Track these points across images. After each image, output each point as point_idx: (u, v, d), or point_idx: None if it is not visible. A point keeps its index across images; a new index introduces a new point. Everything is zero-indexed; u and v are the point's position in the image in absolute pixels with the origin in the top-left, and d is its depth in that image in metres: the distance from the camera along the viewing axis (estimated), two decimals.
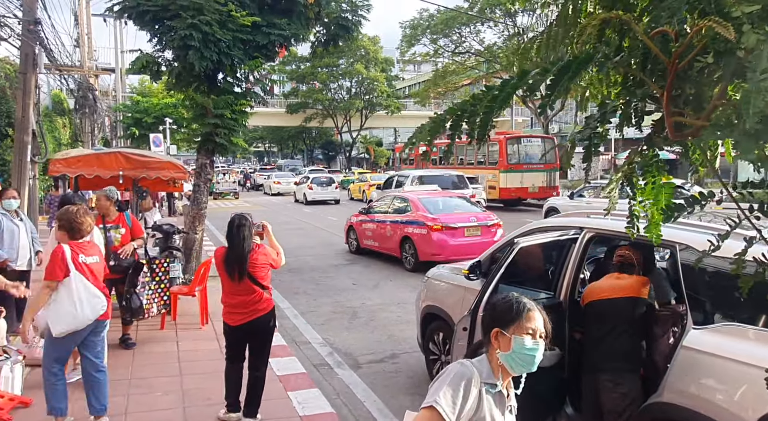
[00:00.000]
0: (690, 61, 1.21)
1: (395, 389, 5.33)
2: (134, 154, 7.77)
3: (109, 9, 9.38)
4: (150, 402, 4.79)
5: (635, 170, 1.58)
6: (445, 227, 10.90)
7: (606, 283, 3.64)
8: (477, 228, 11.18)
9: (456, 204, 12.24)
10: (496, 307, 2.05)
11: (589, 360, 3.60)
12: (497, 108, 1.47)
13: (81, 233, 4.21)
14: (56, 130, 19.73)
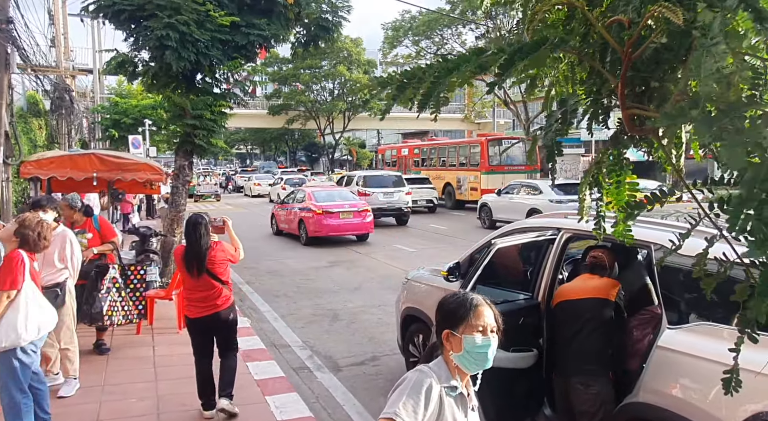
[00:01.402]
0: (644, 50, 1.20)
1: (375, 392, 5.29)
2: (109, 156, 7.62)
3: (84, 9, 9.23)
4: (124, 409, 4.69)
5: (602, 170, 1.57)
6: (325, 212, 14.47)
7: (575, 284, 3.65)
8: (349, 213, 14.79)
9: (339, 195, 15.93)
10: (444, 307, 2.00)
11: (559, 362, 3.59)
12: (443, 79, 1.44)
13: (38, 247, 4.00)
14: (31, 132, 19.31)
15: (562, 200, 14.61)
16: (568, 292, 3.60)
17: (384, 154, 32.92)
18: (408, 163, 29.06)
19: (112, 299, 6.04)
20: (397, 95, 1.61)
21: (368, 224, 15.04)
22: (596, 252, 3.67)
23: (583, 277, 3.66)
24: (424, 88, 1.46)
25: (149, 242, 8.23)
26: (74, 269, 5.12)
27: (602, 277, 3.57)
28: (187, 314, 4.58)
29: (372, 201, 17.18)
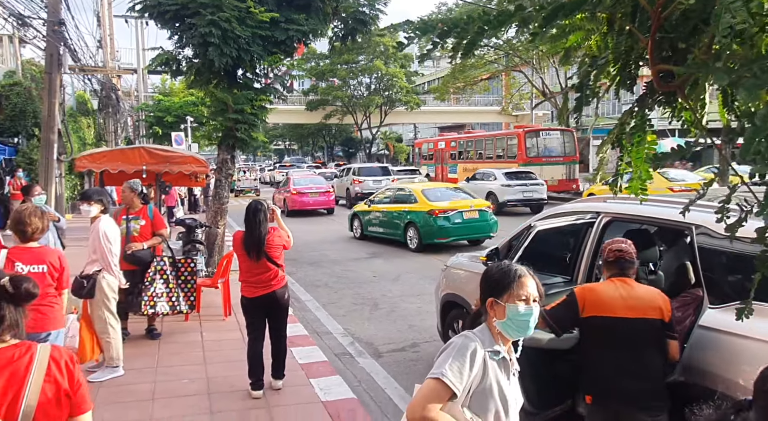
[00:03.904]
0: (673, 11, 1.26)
1: (416, 377, 5.38)
2: (157, 149, 7.95)
3: (130, 8, 9.57)
4: (176, 389, 4.92)
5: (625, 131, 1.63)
6: (299, 192, 20.57)
7: (613, 293, 2.96)
8: (316, 193, 20.87)
9: (311, 180, 22.28)
10: (489, 276, 2.11)
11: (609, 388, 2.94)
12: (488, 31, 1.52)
13: (26, 235, 3.78)
14: (81, 130, 20.15)
15: (510, 184, 19.04)
16: (611, 305, 2.93)
17: (421, 147, 32.92)
18: (445, 157, 29.01)
19: (156, 289, 6.23)
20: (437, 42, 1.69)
21: (331, 201, 21.21)
22: (619, 244, 3.10)
23: (619, 283, 3.01)
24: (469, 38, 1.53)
25: (195, 233, 8.55)
26: (105, 260, 5.13)
27: (634, 279, 3.06)
28: (244, 294, 4.81)
29: (364, 187, 22.77)
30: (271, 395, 4.78)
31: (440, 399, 1.87)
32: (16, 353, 1.66)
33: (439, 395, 1.87)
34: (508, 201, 18.83)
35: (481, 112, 52.26)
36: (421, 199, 12.60)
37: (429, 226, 12.18)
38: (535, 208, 18.96)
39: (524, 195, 19.04)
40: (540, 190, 19.31)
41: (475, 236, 12.70)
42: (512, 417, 2.00)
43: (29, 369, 1.64)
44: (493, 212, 13.11)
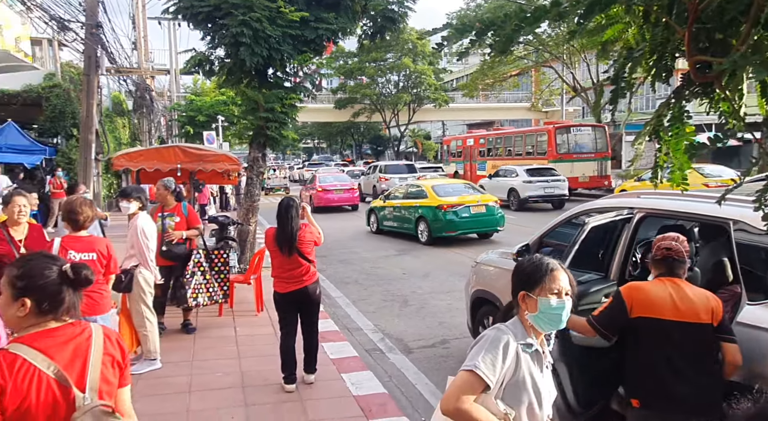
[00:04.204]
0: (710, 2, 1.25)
1: (446, 373, 5.37)
2: (191, 148, 8.12)
3: (164, 11, 9.79)
4: (212, 381, 5.04)
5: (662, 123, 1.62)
6: (324, 189, 21.25)
7: (663, 294, 2.79)
8: (341, 190, 21.58)
9: (336, 178, 23.17)
10: (521, 269, 2.11)
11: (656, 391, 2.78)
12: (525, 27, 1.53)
13: (78, 223, 4.09)
14: (116, 130, 20.67)
15: (531, 181, 19.35)
16: (660, 306, 2.77)
17: (449, 145, 32.79)
18: (473, 154, 28.85)
19: (196, 281, 6.45)
20: (475, 40, 1.71)
21: (355, 198, 21.92)
22: (668, 241, 2.90)
23: (669, 283, 2.83)
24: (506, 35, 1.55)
25: (227, 230, 8.69)
26: (143, 255, 5.27)
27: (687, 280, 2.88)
28: (276, 290, 4.90)
29: (390, 184, 22.38)
30: (303, 388, 4.86)
31: (474, 391, 1.89)
32: (76, 330, 1.83)
33: (473, 387, 1.89)
34: (530, 197, 19.32)
35: (510, 109, 51.76)
36: (431, 195, 13.17)
37: (438, 220, 12.75)
38: (557, 204, 19.65)
39: (545, 191, 19.43)
40: (561, 187, 19.65)
41: (482, 230, 13.33)
42: (546, 409, 2.01)
43: (89, 344, 1.81)
44: (500, 207, 13.68)
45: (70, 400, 1.71)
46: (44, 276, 1.78)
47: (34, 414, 1.66)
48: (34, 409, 1.66)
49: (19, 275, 1.78)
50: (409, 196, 14.07)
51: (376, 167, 27.75)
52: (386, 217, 14.85)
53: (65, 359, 1.75)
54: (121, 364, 1.92)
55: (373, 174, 26.48)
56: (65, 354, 1.76)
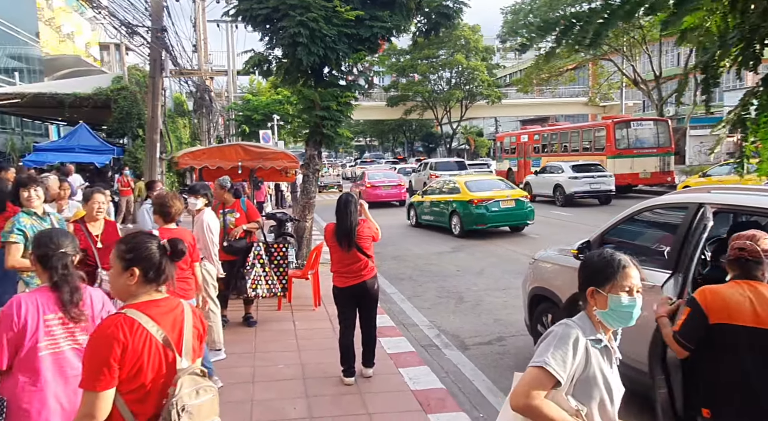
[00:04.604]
0: None
1: (504, 370, 5.38)
2: (251, 146, 8.36)
3: (225, 13, 10.10)
4: (274, 373, 5.20)
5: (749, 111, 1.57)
6: (373, 186, 22.33)
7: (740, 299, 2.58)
8: (389, 186, 22.58)
9: (384, 175, 24.39)
10: (590, 264, 2.05)
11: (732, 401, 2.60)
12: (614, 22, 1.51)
13: (170, 216, 4.41)
14: (178, 130, 21.43)
15: (577, 177, 19.44)
16: (738, 312, 2.56)
17: (502, 141, 32.31)
18: (527, 150, 28.35)
19: (256, 273, 6.64)
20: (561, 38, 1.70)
21: (402, 194, 22.58)
22: (742, 241, 2.68)
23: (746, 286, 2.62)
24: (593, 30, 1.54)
25: (285, 226, 8.91)
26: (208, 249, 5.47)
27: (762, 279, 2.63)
28: (335, 284, 5.00)
29: None
30: (362, 382, 4.94)
31: (544, 387, 1.87)
32: (173, 303, 2.10)
33: (543, 384, 1.87)
34: (575, 193, 19.54)
35: (566, 104, 50.57)
36: (463, 190, 13.94)
37: (469, 214, 13.55)
38: (603, 200, 19.88)
39: (591, 187, 19.58)
40: (607, 182, 19.75)
41: (512, 223, 14.11)
42: (616, 405, 1.98)
43: (183, 316, 2.09)
44: (530, 201, 14.30)
45: (171, 362, 1.97)
46: (148, 249, 2.06)
47: (145, 371, 1.91)
48: (145, 367, 1.91)
49: (127, 249, 2.05)
50: (444, 191, 14.85)
51: (426, 164, 28.44)
52: (424, 211, 15.68)
53: (168, 326, 2.02)
54: (202, 337, 2.19)
55: (424, 171, 27.17)
56: (167, 322, 2.02)
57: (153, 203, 4.60)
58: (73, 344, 2.48)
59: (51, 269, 2.48)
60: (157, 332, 1.96)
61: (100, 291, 2.76)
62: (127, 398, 1.90)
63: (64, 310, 2.44)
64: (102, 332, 1.91)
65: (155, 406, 1.93)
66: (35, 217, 4.29)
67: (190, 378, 1.97)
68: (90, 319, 2.54)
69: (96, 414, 1.85)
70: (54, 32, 33.16)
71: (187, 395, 1.92)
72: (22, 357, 2.37)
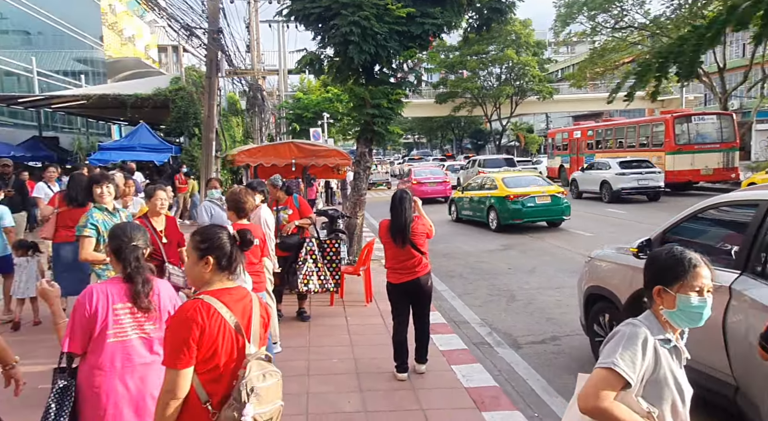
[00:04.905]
0: None
1: (559, 370, 5.29)
2: (304, 144, 8.52)
3: (278, 13, 10.29)
4: (328, 367, 5.29)
5: None
6: (419, 182, 22.62)
7: None
8: (434, 183, 22.99)
9: (430, 171, 24.80)
10: (658, 262, 1.97)
11: None
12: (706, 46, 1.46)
13: (245, 211, 4.63)
14: (231, 129, 21.95)
15: (625, 173, 19.27)
16: None
17: (554, 137, 31.67)
18: (580, 147, 27.68)
19: (308, 269, 6.75)
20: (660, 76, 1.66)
21: (448, 190, 22.35)
22: None
23: None
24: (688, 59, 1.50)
25: (336, 222, 9.02)
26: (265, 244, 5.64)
27: None
28: (389, 280, 5.04)
29: None
30: (415, 378, 4.97)
31: (613, 389, 1.82)
32: (243, 292, 2.25)
33: (612, 385, 1.82)
34: (623, 189, 19.33)
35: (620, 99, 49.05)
36: (500, 186, 14.42)
37: (505, 209, 14.06)
38: (652, 196, 19.59)
39: (639, 183, 19.32)
40: (656, 178, 19.48)
41: (548, 218, 14.38)
42: (687, 406, 1.93)
43: (252, 305, 2.23)
44: (566, 197, 14.50)
45: (241, 347, 2.12)
46: (220, 238, 2.23)
47: (219, 354, 2.07)
48: (219, 349, 2.07)
49: (201, 240, 2.23)
50: (482, 187, 15.43)
51: (475, 161, 28.69)
52: (464, 206, 16.30)
53: (238, 313, 2.16)
54: (267, 326, 2.33)
55: (473, 168, 27.22)
56: (238, 309, 2.17)
57: (227, 199, 4.76)
58: (140, 333, 2.60)
59: (124, 261, 2.61)
60: (230, 317, 2.11)
61: (168, 283, 2.87)
62: (203, 378, 2.06)
63: (135, 300, 2.56)
64: (182, 315, 2.08)
65: (227, 387, 2.07)
66: (106, 212, 4.51)
67: (258, 363, 2.09)
68: (157, 310, 2.65)
69: (176, 390, 2.01)
70: (116, 36, 34.60)
71: (256, 378, 2.04)
72: (92, 343, 2.52)
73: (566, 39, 35.26)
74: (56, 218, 5.80)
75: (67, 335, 2.48)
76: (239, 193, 4.63)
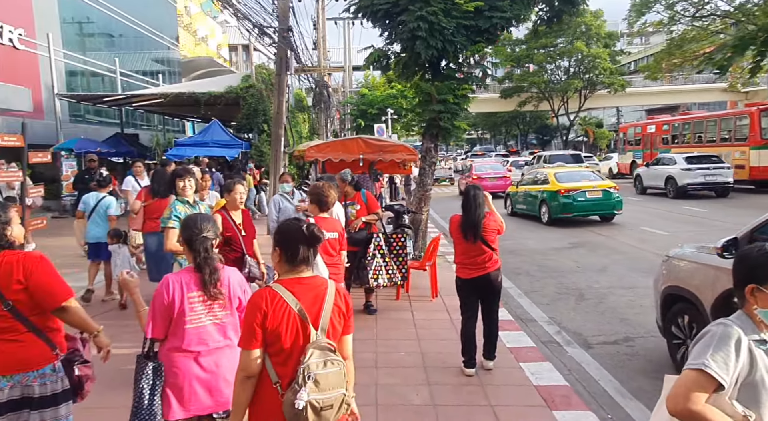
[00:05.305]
0: None
1: (632, 371, 5.13)
2: (372, 139, 8.62)
3: (345, 10, 10.43)
4: (396, 360, 5.35)
5: None
6: (479, 177, 22.59)
7: None
8: (494, 178, 23.14)
9: (491, 167, 25.78)
10: (750, 260, 1.88)
11: None
12: None
13: (327, 205, 4.73)
14: (298, 125, 22.44)
15: (691, 168, 18.92)
16: None
17: (626, 132, 30.47)
18: (655, 142, 26.53)
19: (377, 263, 6.85)
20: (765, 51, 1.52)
21: (508, 185, 20.71)
22: None
23: None
24: None
25: (402, 218, 9.07)
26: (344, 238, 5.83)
27: None
28: (459, 275, 5.05)
29: None
30: (482, 374, 4.95)
31: (705, 391, 1.75)
32: (317, 282, 2.33)
33: (703, 387, 1.75)
34: (688, 185, 19.01)
35: (700, 91, 46.56)
36: (552, 181, 14.83)
37: (556, 203, 14.48)
38: (720, 193, 18.91)
39: (706, 179, 18.90)
40: (725, 174, 18.98)
41: (599, 212, 14.78)
42: None
43: (325, 294, 2.29)
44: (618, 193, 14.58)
45: (306, 333, 2.20)
46: (288, 232, 2.33)
47: (283, 338, 2.18)
48: (282, 334, 2.18)
49: (276, 232, 2.37)
50: (536, 182, 15.88)
51: (540, 158, 28.18)
52: (518, 201, 16.76)
53: (308, 302, 2.24)
54: (345, 315, 2.34)
55: (537, 164, 26.69)
56: (308, 298, 2.25)
57: (309, 193, 4.89)
58: (213, 319, 2.74)
59: (194, 251, 2.74)
60: (296, 305, 2.21)
61: (237, 272, 2.98)
62: (273, 361, 2.21)
63: (204, 288, 2.69)
64: (251, 302, 2.26)
65: (293, 371, 2.17)
66: (188, 205, 4.75)
67: (320, 350, 2.16)
68: (227, 298, 2.77)
69: (247, 368, 2.20)
70: (191, 36, 36.08)
71: (314, 364, 2.12)
72: (172, 329, 2.68)
73: (641, 29, 33.64)
74: (143, 211, 6.20)
75: (149, 322, 2.65)
76: (322, 187, 4.72)
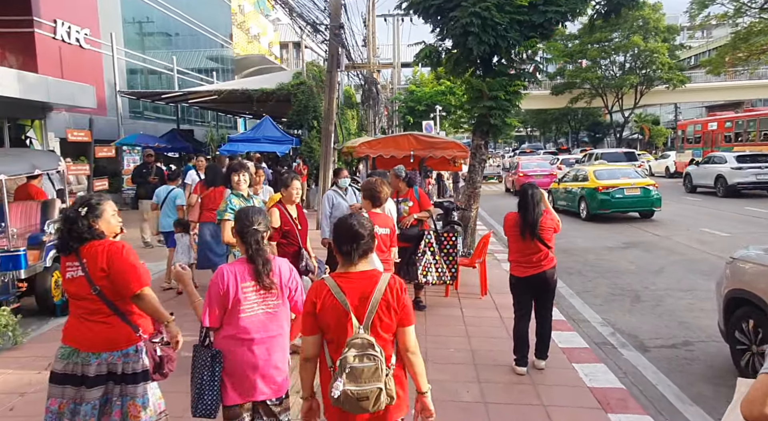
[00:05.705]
0: None
1: (692, 377, 4.96)
2: (423, 136, 8.60)
3: (397, 6, 10.42)
4: (446, 356, 5.34)
5: None
6: (525, 175, 23.00)
7: None
8: (540, 175, 22.96)
9: (537, 164, 25.64)
10: None
11: None
12: None
13: (380, 201, 4.78)
14: (346, 121, 22.61)
15: (742, 167, 18.61)
16: None
17: (685, 129, 29.36)
18: (716, 139, 25.46)
19: (427, 260, 6.84)
20: None
21: None
22: None
23: None
24: None
25: (452, 214, 9.03)
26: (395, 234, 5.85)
27: None
28: (513, 274, 4.99)
29: None
30: (534, 373, 4.88)
31: None
32: (368, 276, 2.44)
33: None
34: (739, 184, 18.79)
35: (766, 87, 44.36)
36: (591, 178, 15.24)
37: (594, 199, 14.87)
38: None
39: (758, 178, 18.64)
40: None
41: (637, 209, 15.04)
42: None
43: (373, 289, 2.38)
44: (657, 190, 14.78)
45: (349, 325, 2.32)
46: (338, 229, 2.49)
47: (331, 327, 2.36)
48: (331, 324, 2.36)
49: (333, 229, 2.54)
50: (576, 179, 16.36)
51: (592, 155, 27.95)
52: (559, 197, 17.16)
53: (354, 296, 2.37)
54: (396, 308, 2.38)
55: (589, 162, 26.11)
56: (354, 293, 2.37)
57: (362, 188, 4.94)
58: (266, 309, 2.80)
59: (246, 243, 2.81)
60: (342, 298, 2.35)
61: (287, 262, 3.03)
62: (329, 347, 2.40)
63: (257, 279, 2.76)
64: (308, 293, 2.48)
65: None
66: (242, 198, 4.87)
67: (360, 344, 2.26)
68: (278, 288, 2.83)
69: (304, 352, 2.45)
70: (244, 34, 36.86)
71: (352, 357, 2.23)
72: (226, 318, 2.76)
73: (704, 22, 32.21)
74: (201, 202, 6.43)
75: (204, 311, 2.73)
76: (375, 182, 4.76)
